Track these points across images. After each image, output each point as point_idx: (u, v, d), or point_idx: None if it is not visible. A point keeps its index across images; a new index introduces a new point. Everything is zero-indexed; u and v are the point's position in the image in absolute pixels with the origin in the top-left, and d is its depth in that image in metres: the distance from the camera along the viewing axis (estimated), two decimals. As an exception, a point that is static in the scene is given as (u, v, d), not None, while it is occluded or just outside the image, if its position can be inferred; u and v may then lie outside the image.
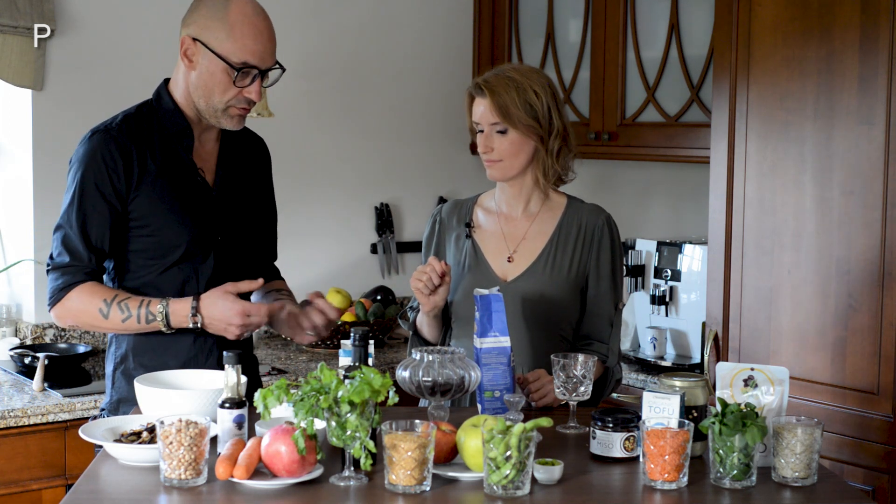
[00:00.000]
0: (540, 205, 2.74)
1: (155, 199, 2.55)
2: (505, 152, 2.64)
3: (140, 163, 2.54)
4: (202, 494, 2.00)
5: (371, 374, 2.02)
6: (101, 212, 2.52)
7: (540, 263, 2.68)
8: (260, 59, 2.52)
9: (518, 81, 2.62)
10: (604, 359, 2.68)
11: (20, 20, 3.58)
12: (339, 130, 4.37)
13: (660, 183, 4.27)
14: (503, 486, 1.99)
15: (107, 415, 2.64)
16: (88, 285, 2.52)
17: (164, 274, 2.58)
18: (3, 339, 3.68)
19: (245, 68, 2.50)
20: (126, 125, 2.57)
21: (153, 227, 2.56)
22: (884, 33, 2.94)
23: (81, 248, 2.52)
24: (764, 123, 3.22)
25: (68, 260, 2.53)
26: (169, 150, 2.58)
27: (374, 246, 4.43)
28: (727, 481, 2.08)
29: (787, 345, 3.18)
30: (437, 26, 4.52)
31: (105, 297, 2.51)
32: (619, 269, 2.73)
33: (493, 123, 2.63)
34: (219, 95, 2.53)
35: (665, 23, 3.83)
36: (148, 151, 2.56)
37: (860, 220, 3.01)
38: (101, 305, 2.50)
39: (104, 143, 2.53)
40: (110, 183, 2.52)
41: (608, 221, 2.73)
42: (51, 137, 3.69)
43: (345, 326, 3.94)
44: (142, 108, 2.62)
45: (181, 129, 2.59)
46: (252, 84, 2.52)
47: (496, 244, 2.72)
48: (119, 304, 2.50)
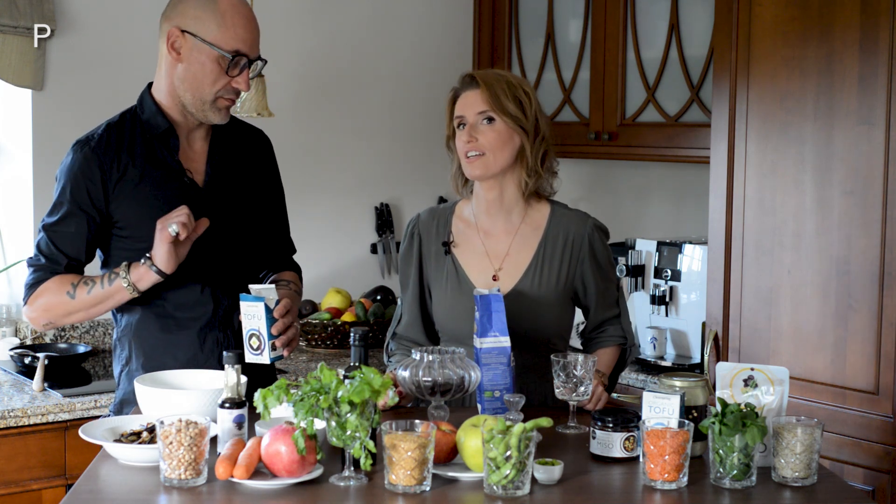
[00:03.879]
0: (521, 217, 2.65)
1: (137, 206, 2.57)
2: (490, 144, 2.56)
3: (120, 172, 2.57)
4: (202, 494, 2.00)
5: (371, 374, 2.02)
6: (78, 223, 2.57)
7: (527, 280, 2.61)
8: (249, 48, 2.55)
9: (508, 78, 2.61)
10: (622, 341, 2.69)
11: (20, 20, 3.58)
12: (339, 130, 4.37)
13: (660, 183, 4.27)
14: (503, 486, 1.99)
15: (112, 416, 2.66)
16: (56, 277, 2.58)
17: None
18: (3, 339, 3.67)
19: (237, 56, 2.53)
20: (107, 134, 2.59)
21: (137, 234, 2.57)
22: (884, 33, 2.94)
23: (57, 254, 2.59)
24: (764, 123, 3.22)
25: (43, 262, 2.60)
26: (153, 154, 2.60)
27: (374, 246, 4.43)
28: (727, 481, 2.08)
29: (787, 345, 3.18)
30: (437, 26, 4.52)
31: (72, 281, 2.56)
32: (612, 260, 2.70)
33: (481, 112, 2.56)
34: (209, 86, 2.54)
35: (665, 23, 3.83)
36: (129, 159, 2.58)
37: (860, 220, 3.01)
38: (69, 289, 2.55)
39: (82, 156, 2.57)
40: (87, 195, 2.56)
41: (596, 227, 2.65)
42: (51, 137, 3.69)
43: (345, 326, 3.94)
44: (125, 116, 2.64)
45: (164, 130, 2.59)
46: (241, 73, 2.55)
47: (478, 261, 2.64)
48: (84, 282, 2.56)
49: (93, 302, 2.55)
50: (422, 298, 2.70)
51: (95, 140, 2.58)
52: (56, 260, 2.58)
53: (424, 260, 2.69)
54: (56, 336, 3.72)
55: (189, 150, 2.64)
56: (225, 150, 2.69)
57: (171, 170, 2.60)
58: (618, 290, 2.72)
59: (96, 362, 3.65)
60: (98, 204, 2.57)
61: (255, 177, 2.75)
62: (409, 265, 2.72)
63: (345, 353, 3.91)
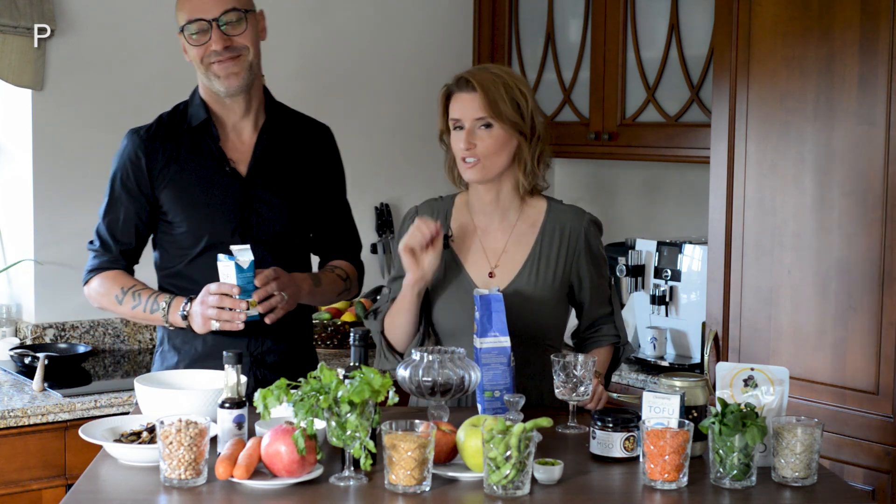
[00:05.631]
0: (517, 214, 2.64)
1: (179, 192, 2.71)
2: (487, 150, 2.53)
3: (165, 159, 2.71)
4: (202, 494, 2.00)
5: (371, 373, 2.02)
6: (126, 209, 2.73)
7: (523, 277, 2.60)
8: (200, 11, 2.64)
9: (505, 79, 2.55)
10: (615, 340, 2.68)
11: (20, 20, 3.58)
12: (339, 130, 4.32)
13: (660, 183, 4.27)
14: (503, 486, 1.99)
15: None
16: (112, 273, 2.74)
17: (192, 263, 2.71)
18: (3, 339, 3.67)
19: (188, 24, 2.64)
20: (157, 124, 2.75)
21: (178, 219, 2.71)
22: (884, 33, 2.94)
23: (109, 240, 2.75)
24: (764, 123, 3.22)
25: (98, 246, 2.76)
26: (196, 143, 2.73)
27: (374, 246, 4.43)
28: (727, 481, 2.08)
29: (787, 345, 3.18)
30: (437, 26, 4.52)
31: (123, 285, 2.71)
32: (606, 257, 2.70)
33: (479, 118, 2.53)
34: (196, 60, 2.67)
35: (665, 23, 3.83)
36: (174, 148, 2.72)
37: (860, 220, 3.01)
38: (118, 293, 2.70)
39: (130, 143, 2.73)
40: (135, 181, 2.71)
41: (592, 222, 2.65)
42: (51, 137, 3.69)
43: (345, 326, 3.94)
44: (177, 107, 2.80)
45: (202, 121, 2.72)
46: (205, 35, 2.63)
47: (476, 258, 2.63)
48: (133, 293, 2.69)
49: (134, 315, 2.72)
50: None
51: (144, 129, 2.74)
52: (109, 246, 2.74)
53: None
54: (56, 336, 3.72)
55: (237, 140, 2.75)
56: (276, 141, 2.77)
57: (213, 158, 2.72)
58: (611, 289, 2.71)
59: (96, 362, 3.65)
60: (145, 190, 2.71)
61: (309, 170, 2.80)
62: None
63: (345, 353, 3.91)
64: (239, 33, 2.65)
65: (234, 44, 2.65)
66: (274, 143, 2.76)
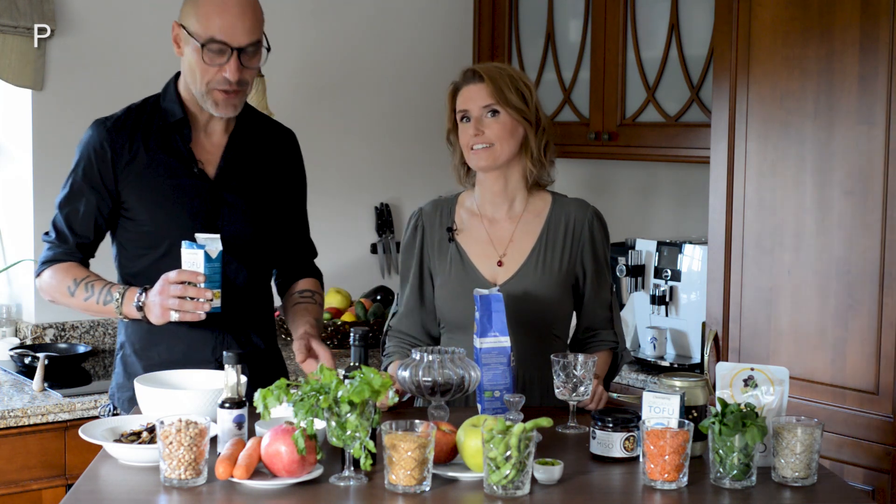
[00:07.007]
0: (524, 205, 2.69)
1: (143, 190, 2.61)
2: (496, 135, 2.60)
3: (131, 154, 2.60)
4: (202, 494, 2.00)
5: (371, 373, 2.02)
6: (87, 202, 2.62)
7: (530, 264, 2.64)
8: (228, 35, 2.50)
9: (510, 72, 2.65)
10: (613, 346, 2.69)
11: (20, 20, 3.58)
12: (339, 130, 4.37)
13: (660, 183, 4.27)
14: (503, 486, 1.99)
15: (112, 399, 2.75)
16: (65, 265, 2.63)
17: (157, 263, 2.59)
18: (3, 339, 3.67)
19: (211, 43, 2.50)
20: (125, 116, 2.64)
21: (142, 217, 2.62)
22: (884, 33, 2.94)
23: (66, 231, 2.64)
24: (764, 123, 3.22)
25: (54, 237, 2.65)
26: (167, 141, 2.62)
27: (374, 246, 4.43)
28: (727, 481, 2.08)
29: (787, 345, 3.18)
30: (437, 26, 4.52)
31: (76, 276, 2.60)
32: (609, 258, 2.72)
33: (486, 105, 2.60)
34: (199, 77, 2.55)
35: (665, 23, 3.83)
36: (142, 143, 2.61)
37: (860, 220, 3.01)
38: (70, 284, 2.59)
39: (96, 134, 2.62)
40: (99, 173, 2.61)
41: (596, 215, 2.70)
42: (51, 137, 3.69)
43: (345, 326, 3.94)
44: (147, 101, 2.68)
45: (178, 119, 2.62)
46: (228, 62, 2.52)
47: (483, 248, 2.67)
48: (86, 284, 2.59)
49: (87, 307, 2.61)
50: (420, 290, 2.71)
51: (112, 120, 2.63)
52: (66, 238, 2.64)
53: (427, 250, 2.71)
54: (56, 336, 3.72)
55: (207, 141, 2.66)
56: (244, 145, 2.69)
57: (182, 159, 2.62)
58: (611, 294, 2.72)
59: (96, 362, 3.65)
60: (108, 184, 2.61)
61: (275, 175, 2.75)
62: (410, 256, 2.74)
63: (345, 353, 3.91)
64: (254, 65, 2.57)
65: (245, 77, 2.55)
66: (243, 146, 2.69)
